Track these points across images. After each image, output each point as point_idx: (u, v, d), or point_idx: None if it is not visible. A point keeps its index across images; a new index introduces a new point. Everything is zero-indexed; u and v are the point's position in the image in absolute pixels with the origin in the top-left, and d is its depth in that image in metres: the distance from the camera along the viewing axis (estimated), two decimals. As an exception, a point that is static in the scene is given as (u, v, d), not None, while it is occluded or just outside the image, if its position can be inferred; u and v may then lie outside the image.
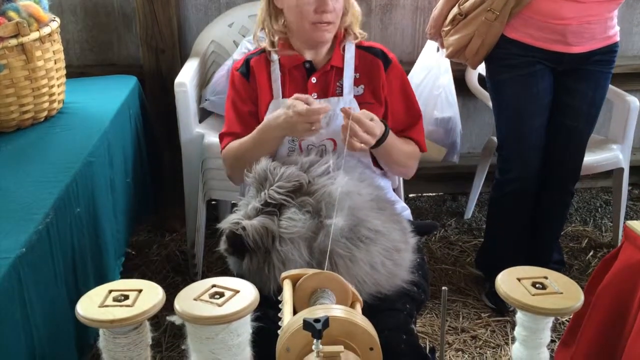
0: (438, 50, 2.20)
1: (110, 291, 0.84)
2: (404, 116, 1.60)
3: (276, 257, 1.23)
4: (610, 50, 1.89)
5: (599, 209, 2.76)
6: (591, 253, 2.42)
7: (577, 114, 1.94)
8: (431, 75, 2.24)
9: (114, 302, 0.82)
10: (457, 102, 2.28)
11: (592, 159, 2.22)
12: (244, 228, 1.25)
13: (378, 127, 1.42)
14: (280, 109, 1.45)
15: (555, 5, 1.77)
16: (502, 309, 2.09)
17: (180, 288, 0.91)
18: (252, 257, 1.27)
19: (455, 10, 1.93)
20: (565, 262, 2.29)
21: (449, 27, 1.96)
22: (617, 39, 1.90)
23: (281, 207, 1.29)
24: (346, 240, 1.23)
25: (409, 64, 2.48)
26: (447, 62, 2.25)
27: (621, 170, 2.36)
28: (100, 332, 0.83)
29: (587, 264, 2.36)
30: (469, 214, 2.66)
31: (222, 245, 1.31)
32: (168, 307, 0.89)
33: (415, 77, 2.26)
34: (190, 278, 2.22)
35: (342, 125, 1.39)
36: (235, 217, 1.30)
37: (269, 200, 1.28)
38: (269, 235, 1.25)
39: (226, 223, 1.31)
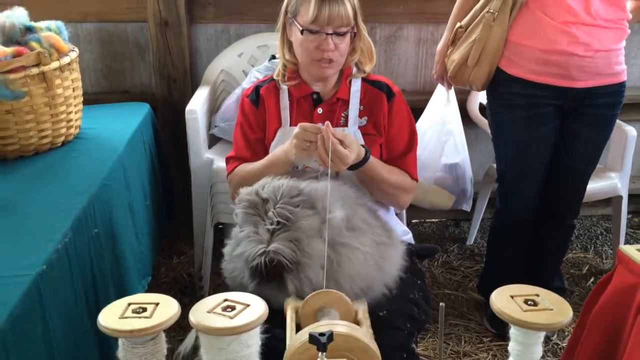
0: (448, 97, 2.23)
1: (130, 304, 0.90)
2: (400, 145, 1.63)
3: (305, 257, 1.23)
4: (616, 91, 1.85)
5: (600, 237, 2.80)
6: (592, 280, 2.45)
7: (581, 156, 1.93)
8: (439, 122, 2.26)
9: (133, 314, 0.88)
10: (467, 149, 2.30)
11: (591, 186, 2.23)
12: (276, 252, 1.21)
13: (354, 154, 1.42)
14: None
15: (555, 31, 1.75)
16: (504, 334, 2.10)
17: (188, 309, 0.96)
18: (293, 276, 1.24)
19: (457, 25, 1.94)
20: (566, 288, 2.32)
21: (451, 49, 1.96)
22: (624, 78, 1.85)
23: (289, 218, 1.26)
24: (346, 230, 1.27)
25: (412, 94, 2.56)
26: (456, 108, 2.27)
27: (620, 198, 2.40)
28: (120, 342, 0.88)
29: (587, 290, 2.38)
30: (471, 239, 2.70)
31: (254, 279, 1.24)
32: (179, 322, 0.95)
33: (423, 123, 2.29)
34: (197, 300, 2.26)
35: (321, 139, 1.39)
36: (255, 249, 1.24)
37: (278, 219, 1.25)
38: (297, 246, 1.23)
39: (246, 260, 1.25)
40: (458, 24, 1.94)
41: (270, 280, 1.23)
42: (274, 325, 1.19)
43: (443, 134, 2.25)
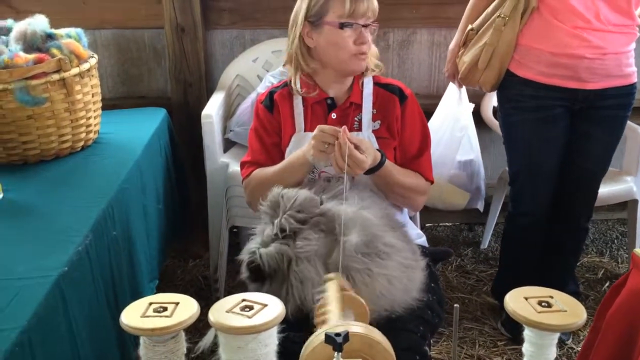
0: (459, 96, 2.24)
1: (151, 303, 0.93)
2: (413, 148, 1.65)
3: (294, 277, 1.27)
4: (627, 93, 1.86)
5: (615, 241, 2.79)
6: (607, 284, 2.44)
7: (591, 157, 1.94)
8: (452, 119, 2.27)
9: (154, 313, 0.90)
10: (479, 147, 2.31)
11: (606, 190, 2.25)
12: (260, 256, 1.30)
13: (370, 158, 1.45)
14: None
15: (566, 35, 1.77)
16: (518, 338, 2.10)
17: (204, 312, 0.99)
18: (272, 282, 1.31)
19: (468, 27, 1.96)
20: (581, 292, 2.32)
21: (462, 51, 1.98)
22: (634, 80, 1.86)
23: (296, 232, 1.33)
24: (362, 255, 1.28)
25: (425, 97, 2.57)
26: (468, 106, 2.28)
27: (635, 201, 2.39)
28: (141, 340, 0.91)
29: (602, 294, 2.37)
30: (485, 243, 2.70)
31: (244, 274, 1.35)
32: (195, 325, 0.97)
33: (435, 120, 2.30)
34: (212, 302, 2.28)
35: (338, 144, 1.42)
36: (252, 246, 1.34)
37: (281, 228, 1.32)
38: (284, 260, 1.29)
39: (245, 252, 1.35)
40: (469, 27, 1.96)
41: (253, 280, 1.32)
42: (289, 327, 1.21)
43: (457, 129, 2.26)
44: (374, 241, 1.31)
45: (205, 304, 1.00)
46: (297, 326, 1.22)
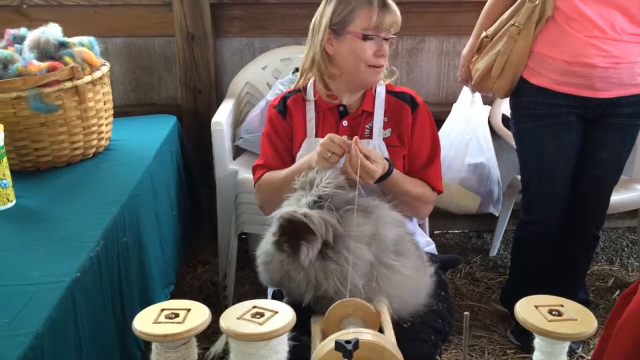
0: (472, 99, 2.24)
1: (163, 310, 0.94)
2: (422, 156, 1.64)
3: (345, 250, 1.22)
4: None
5: (626, 249, 2.77)
6: (617, 292, 2.42)
7: (604, 165, 1.93)
8: (463, 121, 2.27)
9: (166, 319, 0.91)
10: (493, 149, 2.30)
11: (617, 198, 2.23)
12: (305, 215, 1.20)
13: (380, 168, 1.44)
14: None
15: (580, 44, 1.78)
16: (527, 346, 2.09)
17: (212, 318, 0.99)
18: (309, 246, 1.22)
19: (482, 34, 1.96)
20: (590, 301, 2.30)
21: (476, 57, 1.99)
22: None
23: (333, 210, 1.27)
24: (392, 253, 1.29)
25: (434, 105, 2.58)
26: (481, 108, 2.28)
27: (645, 209, 2.39)
28: (153, 346, 0.92)
29: (612, 303, 2.36)
30: (494, 251, 2.69)
31: (275, 235, 1.24)
32: (204, 331, 0.98)
33: (449, 124, 2.30)
34: (221, 308, 2.30)
35: (349, 154, 1.40)
36: (288, 209, 1.23)
37: (321, 194, 1.27)
38: (328, 227, 1.22)
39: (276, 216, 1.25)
40: (484, 33, 1.96)
41: (288, 239, 1.23)
42: (301, 332, 1.21)
43: (467, 132, 2.26)
44: (401, 241, 1.32)
45: (214, 311, 1.01)
46: (308, 331, 1.22)
